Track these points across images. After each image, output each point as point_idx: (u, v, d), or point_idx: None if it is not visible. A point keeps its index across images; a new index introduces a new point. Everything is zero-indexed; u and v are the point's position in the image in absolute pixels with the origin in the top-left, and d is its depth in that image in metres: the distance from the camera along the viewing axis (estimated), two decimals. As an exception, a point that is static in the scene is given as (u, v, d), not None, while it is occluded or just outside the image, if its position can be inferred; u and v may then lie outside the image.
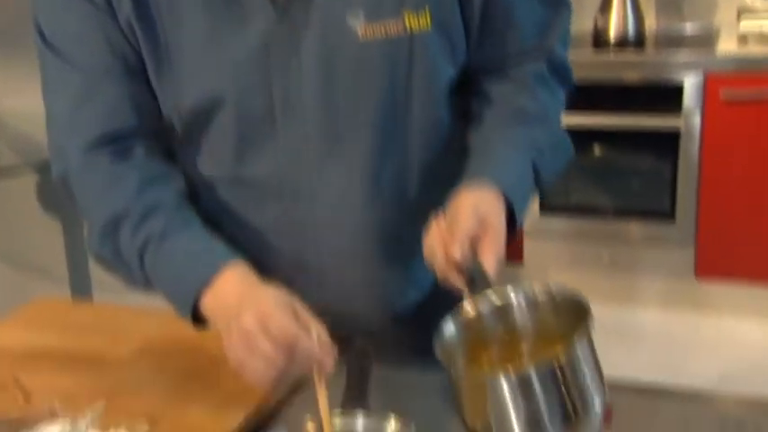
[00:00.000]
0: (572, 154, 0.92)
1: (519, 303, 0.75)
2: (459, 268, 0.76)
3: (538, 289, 0.75)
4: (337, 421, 0.75)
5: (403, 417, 0.75)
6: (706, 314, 2.45)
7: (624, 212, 2.47)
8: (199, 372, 0.97)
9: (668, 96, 2.30)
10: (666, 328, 2.40)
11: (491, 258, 0.77)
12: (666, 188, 2.41)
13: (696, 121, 2.30)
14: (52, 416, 0.85)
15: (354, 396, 0.81)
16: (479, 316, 0.75)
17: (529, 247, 2.56)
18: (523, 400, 0.66)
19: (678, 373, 0.99)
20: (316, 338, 0.76)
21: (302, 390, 0.94)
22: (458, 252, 0.76)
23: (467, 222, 0.77)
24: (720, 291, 2.45)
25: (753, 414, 0.82)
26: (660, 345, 2.30)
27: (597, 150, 2.47)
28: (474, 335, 0.75)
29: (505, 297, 0.75)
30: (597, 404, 0.68)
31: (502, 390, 0.66)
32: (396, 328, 0.97)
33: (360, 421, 0.76)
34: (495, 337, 0.75)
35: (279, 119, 0.86)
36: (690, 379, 0.92)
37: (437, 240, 0.78)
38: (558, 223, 2.53)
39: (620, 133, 2.40)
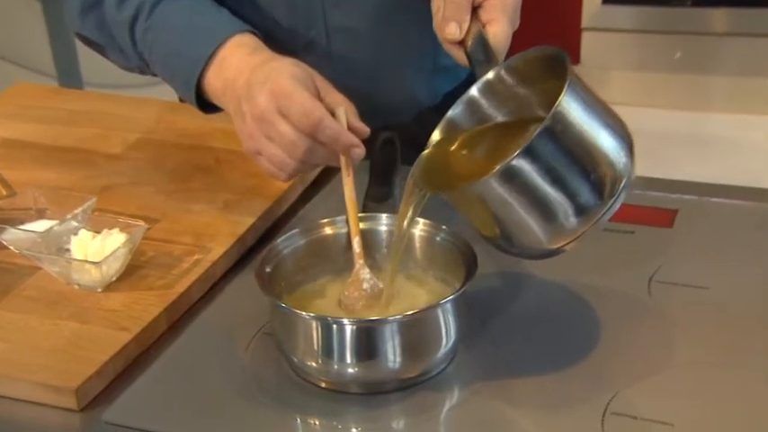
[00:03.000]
0: None
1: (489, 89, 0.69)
2: (464, 45, 0.71)
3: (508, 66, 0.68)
4: (362, 225, 0.74)
5: (432, 220, 0.74)
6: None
7: (704, -1, 2.34)
8: (203, 169, 0.97)
9: None
10: (744, 133, 2.35)
11: (497, 28, 0.70)
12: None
13: None
14: (39, 213, 0.86)
15: (379, 193, 0.81)
16: (463, 114, 0.70)
17: (588, 43, 2.47)
18: (527, 194, 0.61)
19: (754, 181, 0.97)
20: (344, 119, 0.73)
21: (320, 188, 0.95)
22: (452, 29, 0.71)
23: None
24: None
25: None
26: (735, 152, 2.26)
27: None
28: (462, 137, 0.70)
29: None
30: (620, 169, 0.61)
31: (497, 192, 0.61)
32: (424, 121, 0.95)
33: (384, 224, 0.76)
34: (484, 136, 0.70)
35: None
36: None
37: (438, 15, 0.73)
38: (624, 13, 2.41)
39: None
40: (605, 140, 0.62)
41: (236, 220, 0.87)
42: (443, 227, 0.74)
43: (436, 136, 0.71)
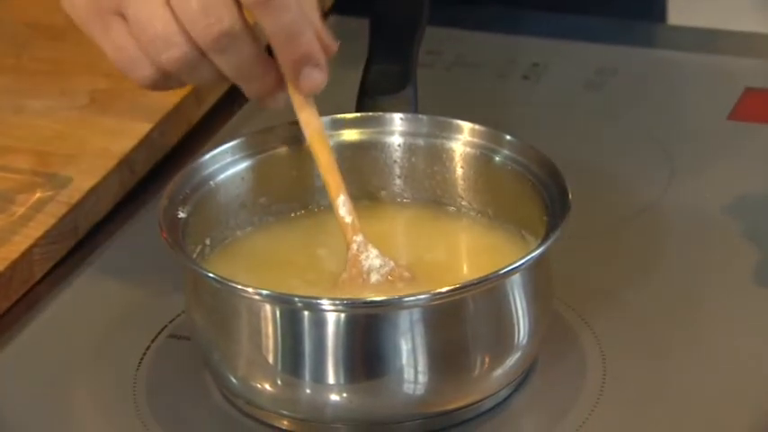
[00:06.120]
0: None
1: None
2: None
3: None
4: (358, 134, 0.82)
5: (487, 124, 0.81)
6: None
7: None
8: (47, 32, 1.04)
9: None
10: None
11: None
12: None
13: None
14: None
15: (387, 77, 0.88)
16: None
17: None
18: None
19: None
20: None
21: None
22: None
23: None
24: None
25: None
26: None
27: None
28: None
29: None
30: None
31: None
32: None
33: (398, 131, 0.83)
34: None
35: None
36: None
37: None
38: None
39: None
40: None
41: (116, 127, 0.94)
42: (507, 137, 0.81)
43: None
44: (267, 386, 0.74)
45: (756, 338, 0.81)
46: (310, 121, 0.80)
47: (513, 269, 0.72)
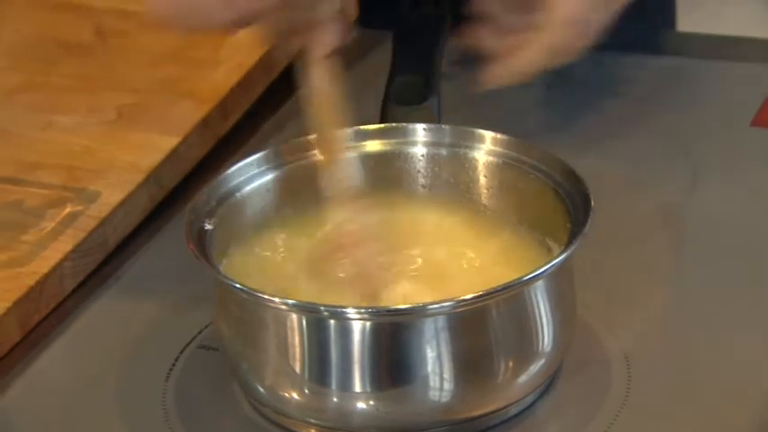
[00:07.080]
0: None
1: None
2: None
3: None
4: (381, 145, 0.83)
5: (509, 131, 0.82)
6: None
7: None
8: (74, 49, 1.05)
9: None
10: None
11: None
12: None
13: None
14: None
15: (410, 89, 0.89)
16: None
17: None
18: None
19: None
20: None
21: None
22: None
23: None
24: None
25: None
26: None
27: None
28: None
29: None
30: None
31: None
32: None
33: (420, 141, 0.84)
34: None
35: None
36: None
37: None
38: None
39: None
40: None
41: (143, 142, 0.94)
42: (530, 145, 0.81)
43: None
44: (294, 395, 0.74)
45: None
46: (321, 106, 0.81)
47: (536, 276, 0.72)
